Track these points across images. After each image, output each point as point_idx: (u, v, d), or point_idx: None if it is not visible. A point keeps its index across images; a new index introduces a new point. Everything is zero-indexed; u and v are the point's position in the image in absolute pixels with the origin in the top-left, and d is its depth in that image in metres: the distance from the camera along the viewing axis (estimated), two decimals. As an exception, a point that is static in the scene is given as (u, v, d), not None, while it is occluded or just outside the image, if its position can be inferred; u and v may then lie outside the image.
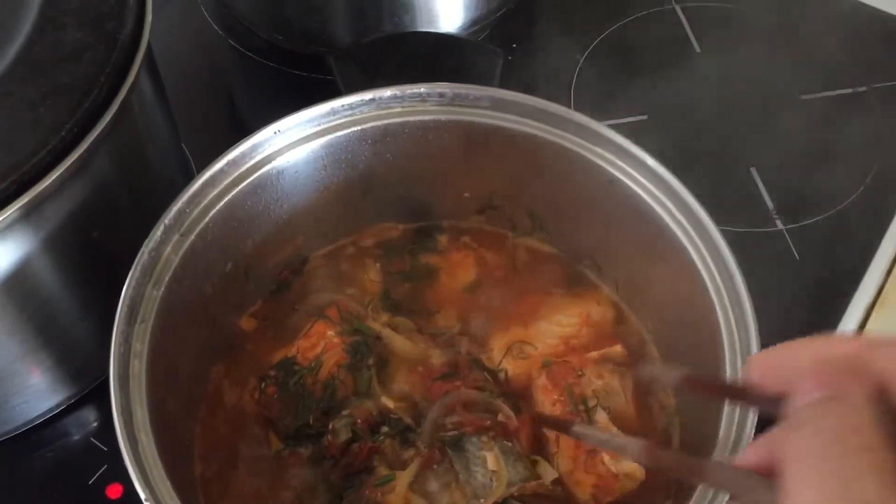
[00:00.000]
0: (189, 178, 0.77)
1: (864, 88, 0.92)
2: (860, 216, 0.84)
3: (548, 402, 0.61)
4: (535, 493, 0.61)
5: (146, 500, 0.48)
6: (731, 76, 0.93)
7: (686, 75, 0.93)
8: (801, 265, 0.81)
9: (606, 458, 0.59)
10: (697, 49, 0.95)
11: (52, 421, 0.70)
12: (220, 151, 0.63)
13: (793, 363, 0.35)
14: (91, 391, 0.72)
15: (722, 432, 0.54)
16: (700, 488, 0.51)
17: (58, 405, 0.70)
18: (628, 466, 0.59)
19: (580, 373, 0.63)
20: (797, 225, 0.83)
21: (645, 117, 0.88)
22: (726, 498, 0.50)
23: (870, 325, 0.77)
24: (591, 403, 0.61)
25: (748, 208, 0.83)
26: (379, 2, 0.86)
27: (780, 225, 0.83)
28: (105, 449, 0.69)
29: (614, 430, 0.60)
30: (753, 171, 0.86)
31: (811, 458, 0.31)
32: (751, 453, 0.36)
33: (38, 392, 0.68)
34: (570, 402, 0.60)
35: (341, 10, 0.88)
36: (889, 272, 0.79)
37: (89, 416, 0.71)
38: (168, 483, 0.50)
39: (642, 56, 0.94)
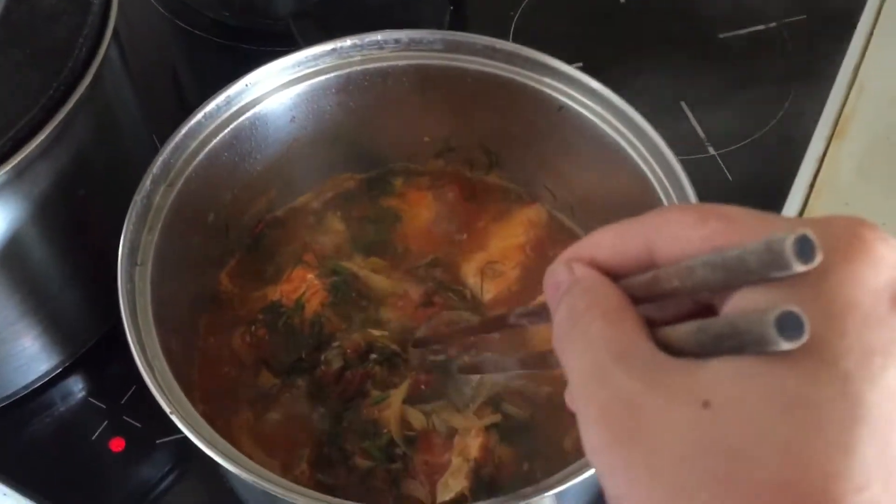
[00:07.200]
0: (152, 146, 0.81)
1: (774, 24, 1.00)
2: (782, 138, 0.92)
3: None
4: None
5: (171, 413, 0.52)
6: (655, 23, 1.00)
7: (615, 25, 1.00)
8: (735, 185, 0.88)
9: None
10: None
11: (48, 386, 0.72)
12: (172, 124, 0.65)
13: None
14: (81, 356, 0.74)
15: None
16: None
17: (52, 369, 0.72)
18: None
19: None
20: (727, 150, 0.90)
21: (581, 64, 0.94)
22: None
23: (800, 233, 0.84)
24: None
25: (683, 138, 0.90)
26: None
27: (712, 151, 0.90)
28: (103, 406, 0.72)
29: None
30: (683, 104, 0.93)
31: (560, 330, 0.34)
32: None
33: (32, 356, 0.70)
34: None
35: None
36: (811, 186, 0.87)
37: (83, 379, 0.74)
38: (187, 402, 0.54)
39: (573, 7, 1.00)
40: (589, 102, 0.69)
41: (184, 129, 0.64)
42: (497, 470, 0.64)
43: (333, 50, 0.69)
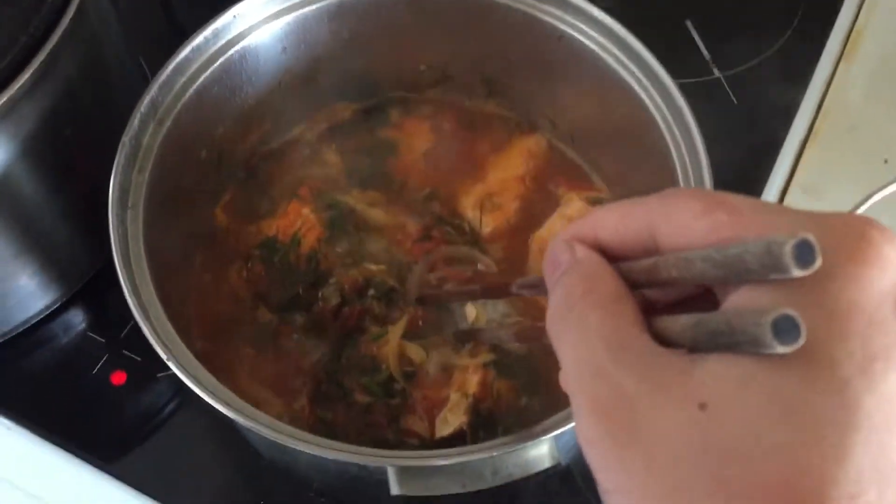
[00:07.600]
0: (143, 78, 0.78)
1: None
2: (789, 59, 0.89)
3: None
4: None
5: (168, 359, 0.52)
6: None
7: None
8: (739, 108, 0.86)
9: None
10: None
11: (47, 321, 0.73)
12: (165, 57, 0.63)
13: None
14: (78, 291, 0.74)
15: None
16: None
17: (51, 304, 0.72)
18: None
19: None
20: (733, 72, 0.88)
21: (582, -18, 0.91)
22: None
23: (804, 158, 0.83)
24: None
25: (687, 59, 0.88)
26: None
27: (717, 73, 0.88)
28: (103, 340, 0.72)
29: None
30: (689, 23, 0.90)
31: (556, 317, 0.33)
32: None
33: (30, 293, 0.70)
34: None
35: None
36: (818, 109, 0.85)
37: (82, 314, 0.74)
38: (184, 347, 0.54)
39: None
40: (590, 31, 0.66)
41: (171, 65, 0.62)
42: (495, 405, 0.64)
43: (324, -24, 0.67)
